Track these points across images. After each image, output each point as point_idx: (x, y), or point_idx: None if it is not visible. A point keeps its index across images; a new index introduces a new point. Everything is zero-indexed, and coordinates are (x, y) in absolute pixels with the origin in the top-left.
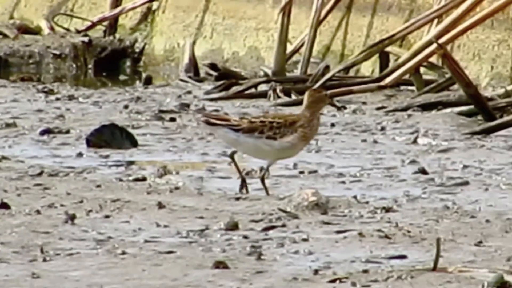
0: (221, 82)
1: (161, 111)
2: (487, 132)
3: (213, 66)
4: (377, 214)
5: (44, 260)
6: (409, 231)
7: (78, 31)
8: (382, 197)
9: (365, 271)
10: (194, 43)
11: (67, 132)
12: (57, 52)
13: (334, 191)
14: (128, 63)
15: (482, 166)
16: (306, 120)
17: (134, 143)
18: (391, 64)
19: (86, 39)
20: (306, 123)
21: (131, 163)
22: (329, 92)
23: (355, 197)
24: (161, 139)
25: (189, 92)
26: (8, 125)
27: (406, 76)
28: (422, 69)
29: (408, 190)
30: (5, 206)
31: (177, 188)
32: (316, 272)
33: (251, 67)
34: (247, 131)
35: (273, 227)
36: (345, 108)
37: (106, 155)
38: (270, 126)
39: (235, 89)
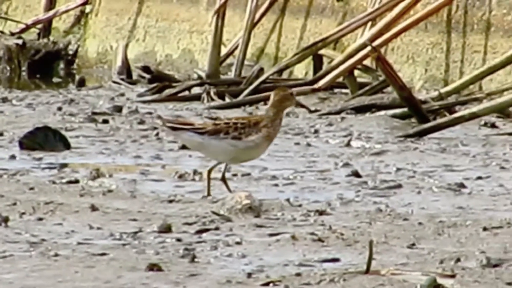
0: (154, 84)
1: (94, 113)
2: (420, 134)
3: (146, 69)
4: (310, 217)
5: None
6: (342, 234)
7: (12, 34)
8: (315, 200)
9: (298, 274)
10: (127, 45)
11: (1, 134)
12: None
13: (267, 194)
14: (61, 65)
15: (415, 168)
16: (269, 120)
17: (67, 146)
18: (325, 67)
19: (20, 41)
20: (269, 123)
21: (64, 165)
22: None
23: (288, 200)
24: (94, 141)
25: (122, 95)
26: None
27: (340, 79)
28: (356, 72)
29: (341, 193)
30: None
31: (110, 191)
32: (249, 275)
33: (185, 69)
34: (212, 133)
35: (206, 230)
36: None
37: (39, 158)
38: (235, 127)
39: (168, 91)
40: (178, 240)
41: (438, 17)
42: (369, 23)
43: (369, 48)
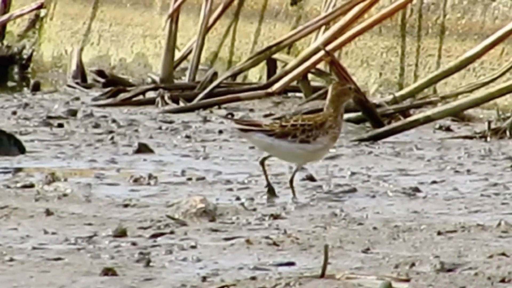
0: (109, 88)
1: (49, 118)
2: (375, 138)
3: (100, 73)
4: (265, 221)
5: None
6: (297, 238)
7: None
8: (270, 204)
9: (253, 278)
10: (81, 49)
11: None
12: None
13: (222, 198)
14: (16, 69)
15: (369, 173)
16: (333, 120)
17: (22, 150)
18: (279, 71)
19: None
20: (333, 123)
21: (19, 170)
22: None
23: (242, 204)
24: (49, 145)
25: (77, 99)
26: None
27: (294, 83)
28: (310, 76)
29: (296, 197)
30: None
31: (65, 195)
32: (204, 279)
33: (139, 74)
34: (280, 136)
35: (161, 234)
36: (232, 115)
37: None
38: (303, 129)
39: (122, 95)
40: (133, 244)
41: (393, 21)
42: (323, 27)
43: (323, 52)
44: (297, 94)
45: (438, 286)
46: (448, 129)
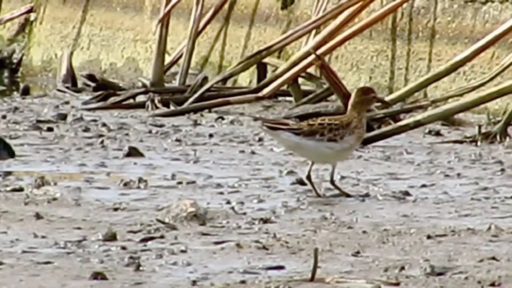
0: (99, 92)
1: (39, 122)
2: (365, 143)
3: (90, 77)
4: (255, 225)
5: None
6: (287, 242)
7: None
8: (260, 208)
9: (243, 282)
10: (71, 54)
11: None
12: None
13: (212, 201)
14: (6, 73)
15: (359, 177)
16: (358, 121)
17: (11, 154)
18: (269, 75)
19: None
20: (358, 123)
21: (9, 173)
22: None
23: (233, 208)
24: (38, 149)
25: (67, 103)
26: None
27: (284, 87)
28: (300, 80)
29: (286, 200)
30: None
31: (54, 199)
32: (194, 283)
33: (129, 78)
34: (308, 134)
35: (151, 238)
36: (223, 119)
37: None
38: (330, 128)
39: (113, 99)
40: (123, 248)
41: (383, 25)
42: (314, 31)
43: (313, 56)
44: (287, 98)
45: None
46: (438, 133)
